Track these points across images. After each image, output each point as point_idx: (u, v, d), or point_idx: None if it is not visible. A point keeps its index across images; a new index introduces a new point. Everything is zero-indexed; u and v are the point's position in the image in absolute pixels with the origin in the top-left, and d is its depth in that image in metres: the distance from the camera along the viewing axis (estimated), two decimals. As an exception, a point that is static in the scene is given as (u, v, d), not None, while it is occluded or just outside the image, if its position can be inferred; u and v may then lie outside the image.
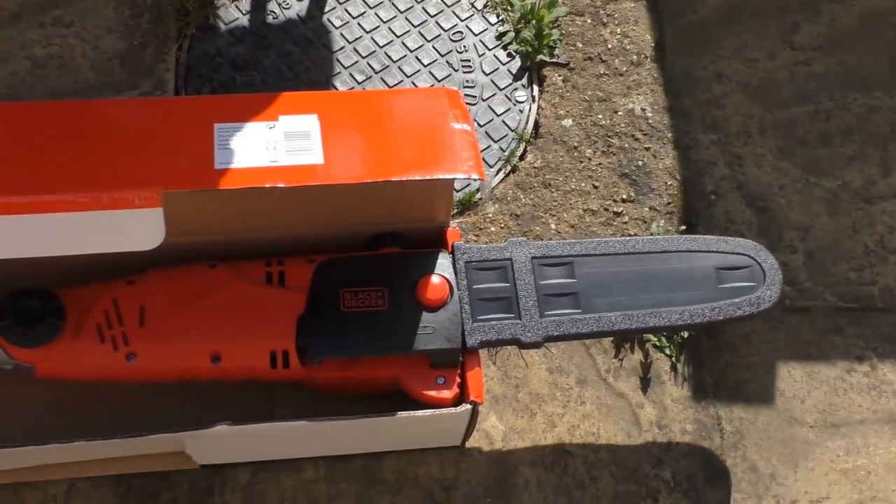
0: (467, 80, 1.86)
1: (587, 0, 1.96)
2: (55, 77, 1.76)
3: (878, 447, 1.59)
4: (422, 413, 1.34)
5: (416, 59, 1.87)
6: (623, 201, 1.77)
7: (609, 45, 1.92)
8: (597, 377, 1.61)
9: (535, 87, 1.87)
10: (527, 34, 1.89)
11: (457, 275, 1.41)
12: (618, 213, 1.76)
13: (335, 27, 1.89)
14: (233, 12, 1.88)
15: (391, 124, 1.32)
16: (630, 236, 1.73)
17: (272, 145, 1.25)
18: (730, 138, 1.84)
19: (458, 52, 1.89)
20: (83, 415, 1.43)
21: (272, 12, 1.88)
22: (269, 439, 1.39)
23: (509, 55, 1.90)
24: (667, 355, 1.64)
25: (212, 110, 1.30)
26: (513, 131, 1.83)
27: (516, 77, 1.88)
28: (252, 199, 1.29)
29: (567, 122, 1.84)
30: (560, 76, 1.88)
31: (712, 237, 1.49)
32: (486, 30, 1.92)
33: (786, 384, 1.63)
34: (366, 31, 1.89)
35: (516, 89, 1.87)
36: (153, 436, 1.30)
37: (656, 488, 1.53)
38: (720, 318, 1.42)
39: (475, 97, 1.85)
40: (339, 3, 1.91)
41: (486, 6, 1.94)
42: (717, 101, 1.88)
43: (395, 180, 1.25)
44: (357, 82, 1.84)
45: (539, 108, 1.86)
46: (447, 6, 1.93)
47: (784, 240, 1.75)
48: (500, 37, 1.91)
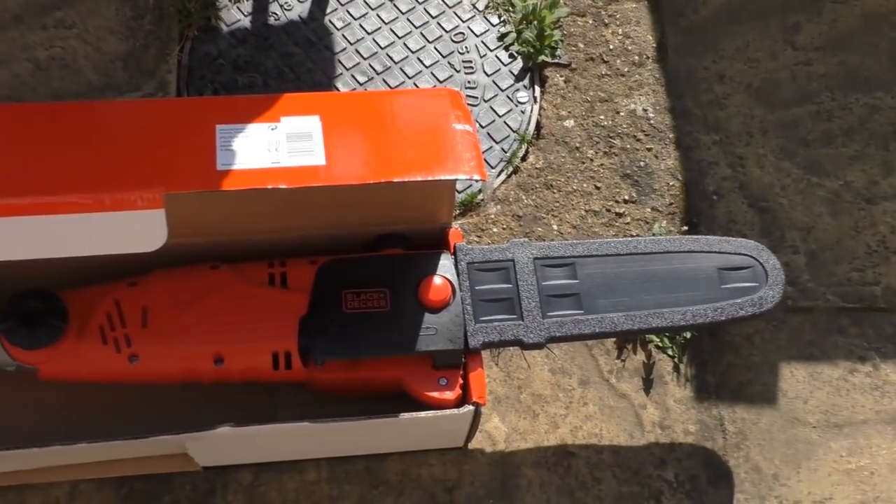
0: (469, 81, 1.86)
1: (589, 1, 1.96)
2: (57, 79, 1.76)
3: (882, 447, 1.59)
4: (424, 414, 1.33)
5: (418, 61, 1.87)
6: (625, 202, 1.77)
7: (611, 46, 1.92)
8: (599, 378, 1.61)
9: (537, 88, 1.87)
10: (528, 35, 1.88)
11: (459, 276, 1.41)
12: (620, 214, 1.76)
13: (337, 28, 1.89)
14: (234, 14, 1.88)
15: (393, 125, 1.32)
16: (632, 237, 1.72)
17: (274, 146, 1.25)
18: (731, 139, 1.84)
19: (459, 53, 1.89)
20: (85, 416, 1.43)
21: (274, 14, 1.88)
22: (272, 441, 1.39)
23: (511, 56, 1.90)
24: (669, 356, 1.64)
25: (214, 111, 1.30)
26: (514, 132, 1.82)
27: (518, 78, 1.88)
28: (254, 200, 1.29)
29: (569, 123, 1.84)
30: (562, 77, 1.88)
31: (714, 237, 1.49)
32: (487, 31, 1.92)
33: (788, 384, 1.63)
34: (367, 33, 1.89)
35: (518, 90, 1.87)
36: (155, 437, 1.30)
37: (659, 489, 1.53)
38: (722, 318, 1.42)
39: (477, 98, 1.85)
40: (341, 4, 1.91)
41: (487, 7, 1.94)
42: (718, 102, 1.87)
43: (397, 181, 1.25)
44: (359, 83, 1.84)
45: (541, 108, 1.86)
46: (449, 7, 1.93)
47: (786, 240, 1.75)
48: (501, 38, 1.91)
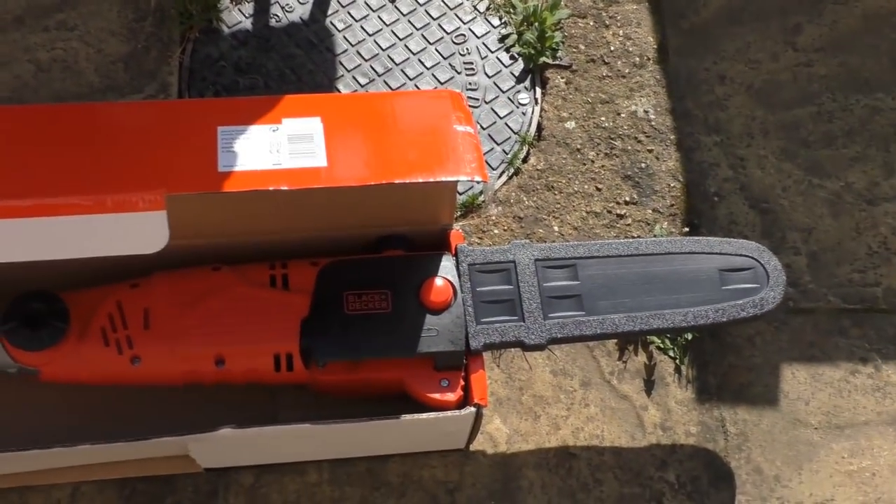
0: (470, 83, 1.86)
1: (589, 2, 1.96)
2: (59, 81, 1.76)
3: (883, 448, 1.59)
4: (426, 416, 1.34)
5: (419, 62, 1.87)
6: (626, 203, 1.77)
7: (611, 48, 1.92)
8: (601, 379, 1.61)
9: (538, 90, 1.87)
10: (529, 36, 1.89)
11: (460, 277, 1.41)
12: (621, 216, 1.76)
13: (338, 30, 1.89)
14: (236, 16, 1.88)
15: (394, 127, 1.32)
16: (633, 238, 1.73)
17: (275, 148, 1.25)
18: (732, 140, 1.84)
19: (460, 55, 1.89)
20: (87, 418, 1.43)
21: (275, 16, 1.88)
22: (273, 442, 1.39)
23: (512, 58, 1.90)
24: (670, 357, 1.64)
25: (215, 113, 1.30)
26: (515, 134, 1.82)
27: (519, 79, 1.88)
28: (255, 201, 1.29)
29: (570, 125, 1.84)
30: (563, 78, 1.88)
31: (715, 239, 1.49)
32: (488, 32, 1.92)
33: (790, 386, 1.63)
34: (368, 34, 1.89)
35: (519, 92, 1.87)
36: (157, 439, 1.30)
37: (661, 490, 1.53)
38: (724, 319, 1.42)
39: (478, 100, 1.85)
40: (342, 6, 1.91)
41: (488, 9, 1.94)
42: (719, 103, 1.88)
43: (399, 183, 1.25)
44: (360, 85, 1.84)
45: (542, 110, 1.86)
46: (450, 9, 1.93)
47: (787, 241, 1.75)
48: (502, 39, 1.91)
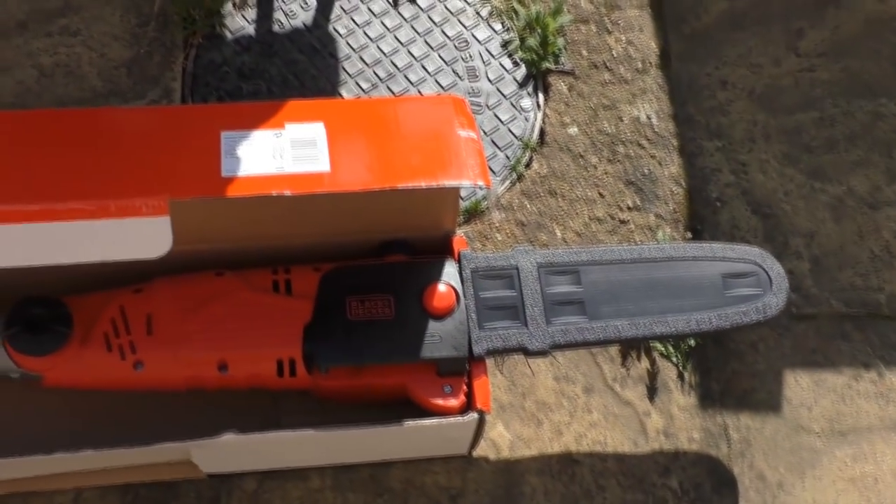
0: (473, 88, 1.87)
1: (592, 8, 1.96)
2: (62, 86, 1.76)
3: (886, 454, 1.59)
4: (428, 421, 1.33)
5: (422, 67, 1.87)
6: (629, 209, 1.77)
7: (614, 53, 1.92)
8: (603, 385, 1.61)
9: (541, 95, 1.88)
10: (532, 42, 1.89)
11: (463, 283, 1.41)
12: (623, 221, 1.76)
13: (341, 36, 1.89)
14: (239, 21, 1.88)
15: (397, 132, 1.32)
16: (636, 244, 1.73)
17: (279, 153, 1.26)
18: (734, 145, 1.84)
19: (463, 60, 1.89)
20: (90, 423, 1.42)
21: (278, 21, 1.89)
22: (276, 448, 1.39)
23: (514, 63, 1.90)
24: (673, 363, 1.63)
25: (219, 118, 1.30)
26: (518, 139, 1.82)
27: (521, 85, 1.88)
28: (259, 206, 1.29)
29: (572, 130, 1.84)
30: (565, 84, 1.88)
31: (718, 244, 1.49)
32: (491, 38, 1.92)
33: (793, 392, 1.63)
34: (371, 40, 1.89)
35: (522, 97, 1.87)
36: (159, 445, 1.30)
37: (663, 497, 1.53)
38: (727, 325, 1.42)
39: (480, 105, 1.85)
40: (345, 11, 1.91)
41: (491, 14, 1.94)
42: (721, 108, 1.88)
43: (402, 188, 1.25)
44: (363, 90, 1.84)
45: (544, 115, 1.86)
46: (452, 14, 1.93)
47: (790, 246, 1.75)
48: (505, 45, 1.91)
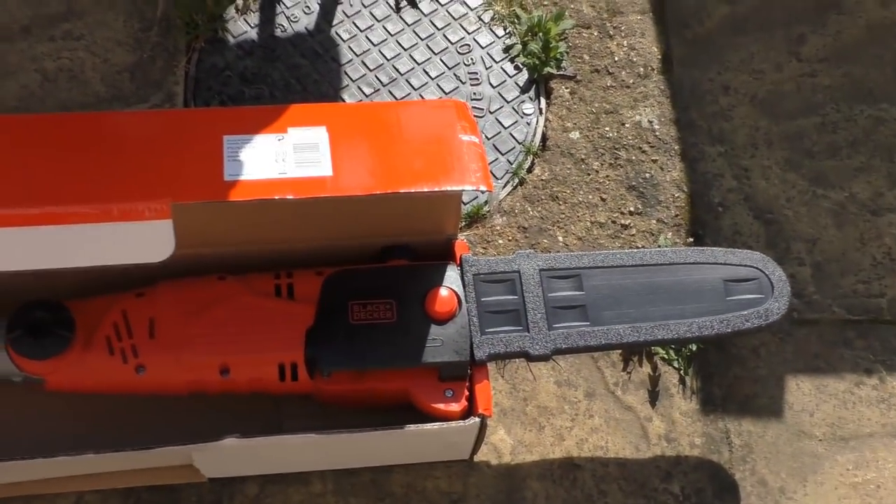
0: (475, 93, 1.87)
1: (594, 13, 1.97)
2: (65, 90, 1.76)
3: (888, 461, 1.58)
4: (430, 426, 1.33)
5: (424, 72, 1.88)
6: (631, 214, 1.77)
7: (616, 58, 1.92)
8: (605, 390, 1.61)
9: (543, 100, 1.88)
10: (534, 47, 1.89)
11: (465, 287, 1.41)
12: (625, 226, 1.76)
13: (343, 40, 1.89)
14: (241, 26, 1.88)
15: (399, 136, 1.32)
16: (638, 249, 1.73)
17: (281, 157, 1.26)
18: (737, 150, 1.84)
19: (465, 65, 1.89)
20: (92, 427, 1.42)
21: (281, 26, 1.89)
22: (278, 452, 1.39)
23: (516, 68, 1.90)
24: (675, 368, 1.63)
25: (221, 122, 1.30)
26: (520, 144, 1.83)
27: (523, 90, 1.88)
28: (261, 210, 1.29)
29: (574, 135, 1.84)
30: (567, 88, 1.88)
31: (720, 249, 1.49)
32: (493, 42, 1.92)
33: (794, 397, 1.63)
34: (373, 44, 1.89)
35: (523, 102, 1.87)
36: (161, 448, 1.30)
37: (665, 502, 1.52)
38: (728, 330, 1.42)
39: (482, 110, 1.85)
40: (347, 16, 1.91)
41: (493, 19, 1.94)
42: (723, 113, 1.88)
43: (404, 192, 1.26)
44: (365, 95, 1.84)
45: (546, 120, 1.86)
46: (454, 19, 1.94)
47: (791, 252, 1.75)
48: (507, 49, 1.92)
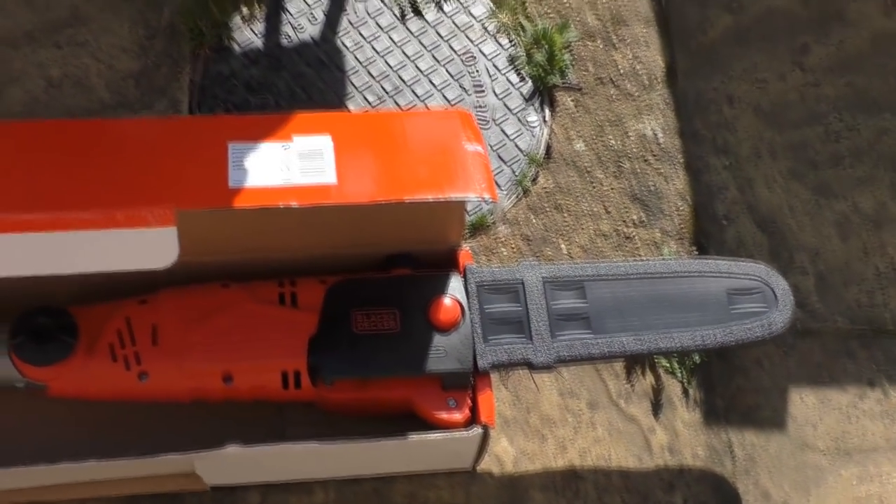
0: (479, 103, 1.87)
1: (598, 23, 1.97)
2: (70, 97, 1.77)
3: (892, 475, 1.58)
4: (433, 435, 1.33)
5: (429, 81, 1.88)
6: (634, 224, 1.77)
7: (620, 69, 1.92)
8: (608, 401, 1.61)
9: (547, 110, 1.88)
10: (538, 57, 1.89)
11: (468, 297, 1.41)
12: (629, 237, 1.76)
13: (348, 49, 1.90)
14: (247, 34, 1.89)
15: (404, 145, 1.33)
16: (641, 259, 1.72)
17: (286, 165, 1.26)
18: (740, 161, 1.84)
19: (470, 75, 1.90)
20: (94, 434, 1.42)
21: (286, 34, 1.89)
22: (280, 460, 1.39)
23: (521, 78, 1.90)
24: (678, 379, 1.63)
25: (226, 129, 1.30)
26: (524, 154, 1.83)
27: (528, 100, 1.88)
28: (265, 218, 1.29)
29: (578, 145, 1.84)
30: (571, 99, 1.89)
31: (723, 260, 1.49)
32: (497, 52, 1.93)
33: (798, 409, 1.62)
34: (378, 54, 1.90)
35: (528, 112, 1.87)
36: (163, 456, 1.30)
37: (668, 513, 1.52)
38: (732, 341, 1.42)
39: (487, 119, 1.86)
40: (353, 25, 1.92)
41: (498, 29, 1.95)
42: (727, 124, 1.88)
43: (408, 201, 1.26)
44: (369, 104, 1.84)
45: (551, 130, 1.86)
46: (459, 29, 1.94)
47: (795, 262, 1.75)
48: (511, 60, 1.92)
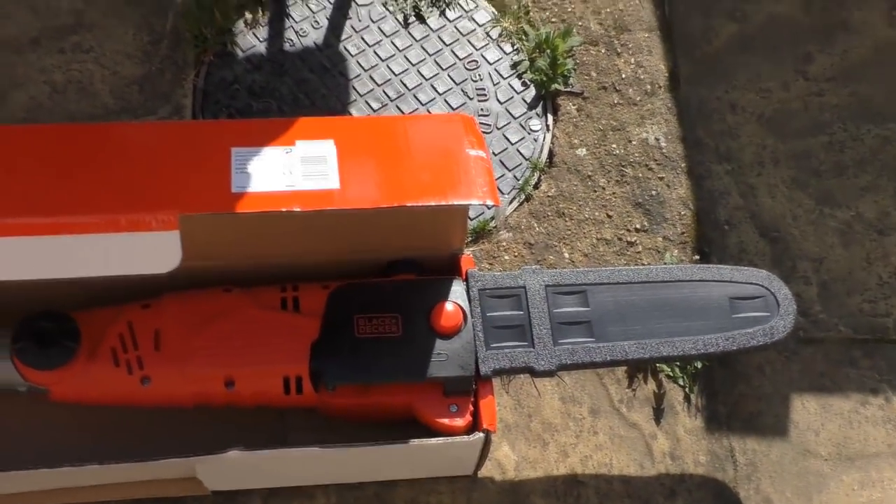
0: (482, 109, 1.87)
1: (601, 30, 1.97)
2: (74, 102, 1.77)
3: (894, 481, 1.58)
4: (434, 441, 1.33)
5: (432, 88, 1.88)
6: (637, 231, 1.77)
7: (623, 75, 1.93)
8: (610, 407, 1.60)
9: (550, 116, 1.88)
10: (541, 63, 1.90)
11: (470, 302, 1.41)
12: (631, 243, 1.76)
13: (351, 55, 1.90)
14: (250, 39, 1.89)
15: (407, 150, 1.33)
16: (644, 266, 1.72)
17: (289, 170, 1.26)
18: (743, 168, 1.84)
19: (472, 81, 1.90)
20: (96, 438, 1.42)
21: (289, 40, 1.90)
22: (282, 465, 1.39)
23: (524, 84, 1.91)
24: (680, 386, 1.63)
25: (229, 134, 1.31)
26: (527, 160, 1.83)
27: (531, 106, 1.89)
28: (268, 223, 1.30)
29: (581, 152, 1.84)
30: (574, 105, 1.89)
31: (726, 267, 1.49)
32: (500, 59, 1.93)
33: (800, 416, 1.62)
34: (381, 60, 1.90)
35: (531, 118, 1.88)
36: (165, 460, 1.30)
37: (669, 519, 1.52)
38: (734, 347, 1.42)
39: (490, 125, 1.86)
40: (356, 31, 1.92)
41: (501, 35, 1.95)
42: (730, 132, 1.88)
43: (411, 205, 1.26)
44: (372, 110, 1.85)
45: (553, 136, 1.86)
46: (462, 35, 1.94)
47: (797, 270, 1.75)
48: (514, 66, 1.92)
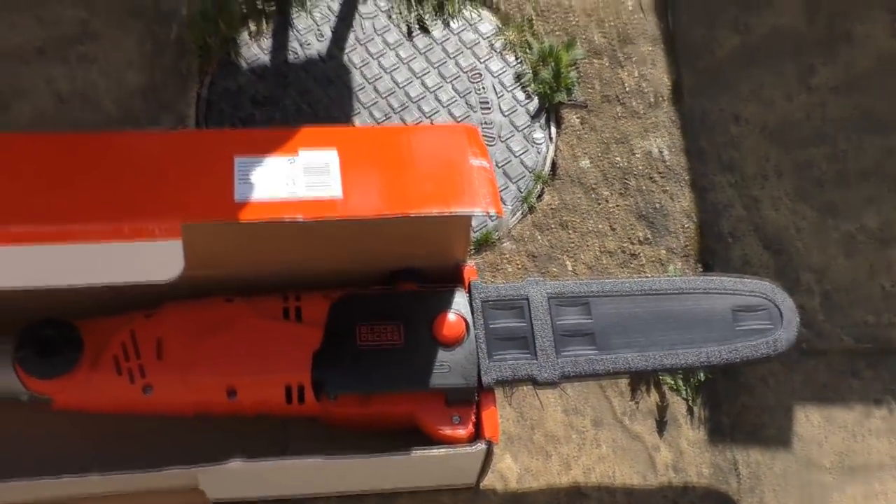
0: (485, 120, 1.87)
1: (605, 41, 1.98)
2: (78, 111, 1.78)
3: (898, 493, 1.57)
4: (436, 451, 1.33)
5: (435, 98, 1.89)
6: (640, 242, 1.77)
7: (626, 87, 1.93)
8: (612, 419, 1.60)
9: (553, 128, 1.88)
10: (545, 75, 1.90)
11: (473, 313, 1.41)
12: (634, 255, 1.76)
13: (355, 66, 1.90)
14: (254, 50, 1.90)
15: (410, 160, 1.33)
16: (647, 277, 1.72)
17: (292, 179, 1.26)
18: (746, 180, 1.84)
19: (476, 92, 1.90)
20: (98, 447, 1.42)
21: (293, 51, 1.90)
22: (283, 475, 1.39)
23: (527, 95, 1.91)
24: (683, 398, 1.62)
25: (233, 143, 1.31)
26: (530, 171, 1.83)
27: (534, 117, 1.89)
28: (271, 232, 1.30)
29: (584, 163, 1.84)
30: (578, 117, 1.89)
31: (729, 278, 1.48)
32: (504, 70, 1.93)
33: (803, 428, 1.62)
34: (385, 70, 1.91)
35: (534, 129, 1.88)
36: (167, 470, 1.29)
37: (672, 532, 1.51)
38: (737, 359, 1.42)
39: (493, 136, 1.86)
40: (360, 42, 1.93)
41: (504, 46, 1.95)
42: (733, 143, 1.88)
43: (414, 215, 1.26)
44: (376, 120, 1.85)
45: (557, 148, 1.86)
46: (466, 46, 1.95)
47: (801, 282, 1.74)
48: (518, 77, 1.92)
